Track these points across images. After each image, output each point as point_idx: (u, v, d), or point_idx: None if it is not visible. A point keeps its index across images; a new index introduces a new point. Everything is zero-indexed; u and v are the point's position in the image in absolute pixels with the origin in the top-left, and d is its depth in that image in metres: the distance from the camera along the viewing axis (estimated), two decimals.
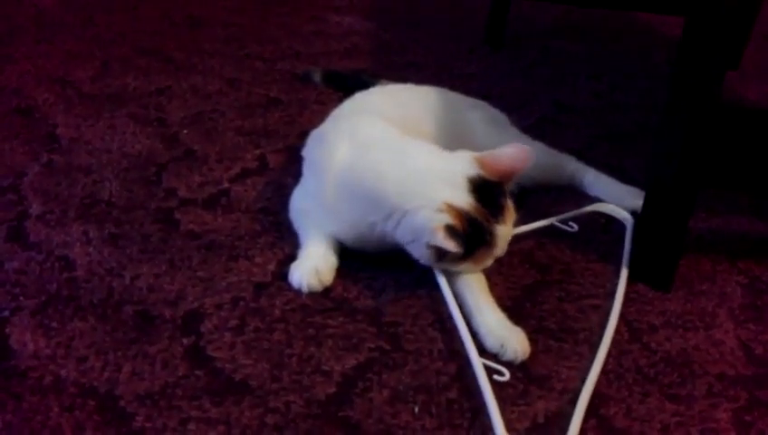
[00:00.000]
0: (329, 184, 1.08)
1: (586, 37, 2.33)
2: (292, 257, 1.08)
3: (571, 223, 1.21)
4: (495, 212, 1.01)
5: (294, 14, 2.33)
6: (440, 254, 0.99)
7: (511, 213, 1.04)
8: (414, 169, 1.04)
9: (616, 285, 1.08)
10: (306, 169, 1.21)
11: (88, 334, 0.92)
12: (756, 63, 2.03)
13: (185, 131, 1.47)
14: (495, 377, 0.88)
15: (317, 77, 1.76)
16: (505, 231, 1.03)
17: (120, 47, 1.91)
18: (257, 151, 1.42)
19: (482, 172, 1.03)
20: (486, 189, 1.02)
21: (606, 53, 2.20)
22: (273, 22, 2.23)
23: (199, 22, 2.18)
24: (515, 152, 1.05)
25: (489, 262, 1.04)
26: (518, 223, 1.16)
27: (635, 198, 1.24)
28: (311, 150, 1.21)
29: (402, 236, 1.02)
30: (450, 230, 0.95)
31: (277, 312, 0.98)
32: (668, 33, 2.39)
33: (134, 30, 2.05)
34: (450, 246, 0.95)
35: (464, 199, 0.99)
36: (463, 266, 1.02)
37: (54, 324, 0.92)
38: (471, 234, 0.98)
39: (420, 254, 1.01)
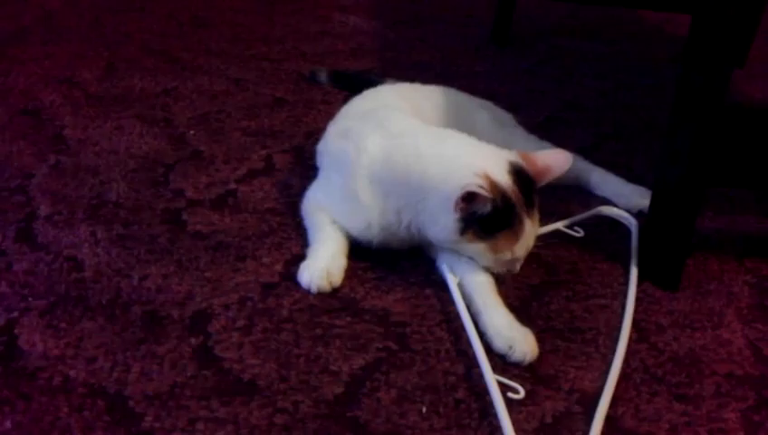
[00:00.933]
0: (359, 176, 1.08)
1: (592, 36, 2.33)
2: (299, 257, 1.08)
3: (576, 227, 1.21)
4: (528, 202, 1.01)
5: (300, 14, 2.34)
6: (466, 223, 0.98)
7: (538, 215, 1.04)
8: (455, 151, 1.05)
9: (623, 285, 1.08)
10: (327, 165, 1.21)
11: (97, 335, 0.92)
12: (762, 61, 2.02)
13: (191, 132, 1.48)
14: (510, 395, 0.87)
15: (323, 77, 1.77)
16: (532, 228, 1.02)
17: (127, 48, 1.91)
18: (264, 152, 1.42)
19: (522, 163, 1.03)
20: (524, 179, 1.02)
21: (612, 52, 2.19)
22: (279, 22, 2.23)
23: (205, 22, 2.18)
24: (558, 155, 1.07)
25: (507, 256, 1.02)
26: None
27: (642, 197, 1.25)
28: (333, 147, 1.21)
29: (432, 211, 1.02)
30: (482, 189, 0.96)
31: (285, 312, 0.98)
32: (674, 31, 2.39)
33: (140, 30, 2.05)
34: (482, 193, 0.95)
35: (502, 177, 1.00)
36: (481, 249, 1.01)
37: (63, 325, 0.93)
38: (500, 209, 0.98)
39: (445, 226, 1.00)
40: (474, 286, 1.02)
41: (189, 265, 1.07)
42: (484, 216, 0.98)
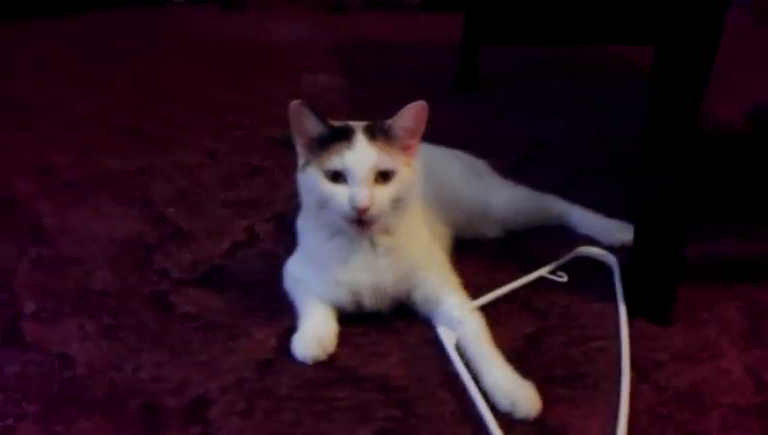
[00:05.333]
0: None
1: (555, 74, 2.37)
2: (291, 330, 1.07)
3: (559, 272, 1.21)
4: (369, 132, 1.04)
5: (266, 78, 2.36)
6: (308, 156, 1.04)
7: (383, 145, 1.04)
8: None
9: (618, 324, 1.08)
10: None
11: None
12: (720, 83, 2.07)
13: (170, 209, 1.47)
14: None
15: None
16: (371, 148, 1.02)
17: (98, 129, 1.92)
18: (245, 223, 1.42)
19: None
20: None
21: (575, 89, 2.23)
22: (247, 89, 2.25)
23: (173, 96, 2.20)
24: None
25: (337, 163, 1.01)
26: (511, 273, 1.17)
27: (624, 232, 1.26)
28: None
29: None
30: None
31: (284, 389, 0.97)
32: (636, 61, 2.44)
33: (109, 110, 2.06)
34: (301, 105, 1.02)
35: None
36: (317, 166, 1.03)
37: (60, 428, 0.91)
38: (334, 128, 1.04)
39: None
40: (471, 344, 1.01)
41: (182, 350, 1.05)
42: (317, 139, 1.04)
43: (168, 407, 0.94)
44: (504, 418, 0.91)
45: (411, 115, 1.06)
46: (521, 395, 0.93)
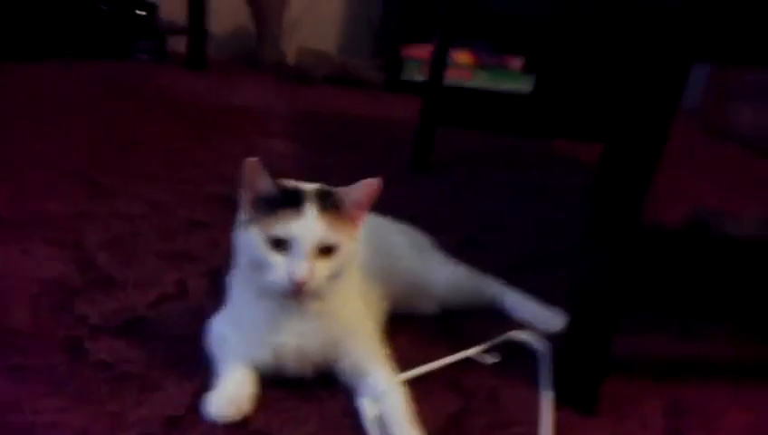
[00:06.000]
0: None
1: (508, 162, 2.42)
2: (208, 388, 1.03)
3: (490, 354, 1.20)
4: (320, 204, 1.01)
5: (223, 138, 2.36)
6: (250, 216, 1.02)
7: (331, 219, 1.01)
8: None
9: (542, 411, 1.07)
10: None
11: None
12: (667, 189, 2.13)
13: (103, 256, 1.43)
14: None
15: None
16: (319, 220, 0.99)
17: (43, 172, 1.87)
18: (177, 276, 1.38)
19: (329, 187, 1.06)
20: (323, 191, 1.04)
21: (526, 179, 2.28)
22: (202, 147, 2.24)
23: (128, 147, 2.17)
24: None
25: (281, 231, 0.98)
26: (443, 350, 1.15)
27: (558, 320, 1.26)
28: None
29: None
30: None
31: None
32: (582, 157, 2.51)
33: (60, 155, 2.02)
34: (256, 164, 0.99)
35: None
36: (258, 228, 1.00)
37: None
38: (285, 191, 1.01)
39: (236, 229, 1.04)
40: (392, 417, 0.98)
41: (88, 398, 1.00)
42: (263, 200, 1.01)
43: None
44: None
45: (365, 191, 1.05)
46: None
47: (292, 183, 1.05)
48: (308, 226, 0.99)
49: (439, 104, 2.21)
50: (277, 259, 0.99)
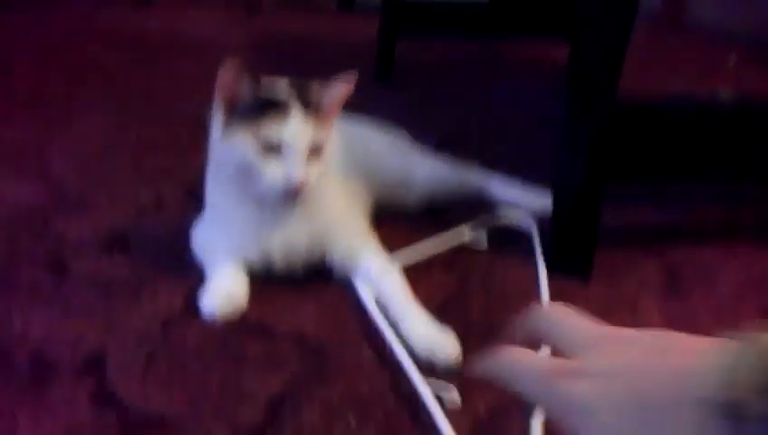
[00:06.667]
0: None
1: (474, 69, 2.39)
2: (199, 290, 1.00)
3: (480, 240, 1.19)
4: (303, 101, 0.98)
5: (184, 61, 2.29)
6: (229, 119, 0.97)
7: (318, 118, 0.98)
8: None
9: (537, 282, 1.07)
10: None
11: None
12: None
13: (73, 178, 1.38)
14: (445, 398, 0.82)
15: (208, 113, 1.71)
16: (305, 122, 0.96)
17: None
18: (153, 192, 1.34)
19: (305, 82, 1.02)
20: (302, 87, 1.00)
21: (493, 82, 2.25)
22: (160, 75, 2.17)
23: (82, 79, 2.09)
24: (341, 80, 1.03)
25: (273, 137, 0.95)
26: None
27: (543, 198, 1.25)
28: None
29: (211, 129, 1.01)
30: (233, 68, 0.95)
31: (190, 343, 0.90)
32: (551, 60, 2.48)
33: (11, 81, 1.94)
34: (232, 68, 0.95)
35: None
36: (247, 136, 0.95)
37: None
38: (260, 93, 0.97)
39: (215, 132, 1.00)
40: (389, 297, 0.98)
41: (78, 309, 0.97)
42: (245, 102, 0.96)
43: (62, 360, 0.86)
44: (424, 368, 0.87)
45: (340, 89, 1.02)
46: (440, 341, 0.89)
47: (265, 80, 1.01)
48: (299, 128, 0.96)
49: (398, 16, 2.16)
50: (271, 165, 0.96)
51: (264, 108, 0.96)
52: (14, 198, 1.28)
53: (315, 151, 0.98)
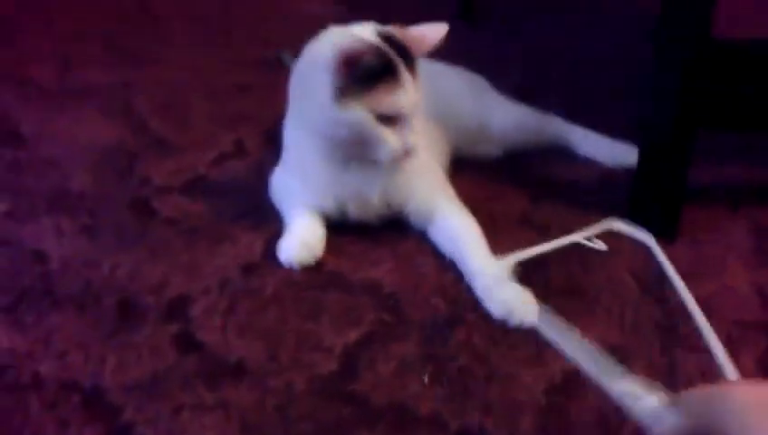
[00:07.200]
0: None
1: (557, 10, 2.30)
2: (278, 236, 1.02)
3: (596, 240, 1.08)
4: (405, 61, 0.96)
5: (258, 4, 2.27)
6: (343, 88, 0.94)
7: (417, 77, 0.98)
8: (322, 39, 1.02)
9: (618, 239, 1.03)
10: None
11: (67, 328, 0.85)
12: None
13: (155, 121, 1.41)
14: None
15: (288, 60, 1.70)
16: (413, 84, 0.96)
17: (81, 44, 1.83)
18: (233, 136, 1.35)
19: (393, 32, 0.99)
20: (396, 43, 0.97)
21: (579, 16, 2.16)
22: (238, 12, 2.16)
23: (159, 18, 2.10)
24: (432, 27, 1.02)
25: (390, 107, 0.94)
26: (512, 192, 1.11)
27: (628, 153, 1.20)
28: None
29: (311, 91, 0.98)
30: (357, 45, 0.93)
31: (269, 290, 0.92)
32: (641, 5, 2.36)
33: (94, 27, 1.97)
34: (358, 47, 0.93)
35: (371, 36, 0.97)
36: (361, 109, 0.94)
37: (30, 320, 0.86)
38: (375, 61, 0.94)
39: (322, 101, 0.95)
40: (468, 251, 0.97)
41: (162, 252, 1.00)
42: (362, 71, 0.93)
43: (147, 304, 0.89)
44: (499, 325, 0.87)
45: (433, 39, 1.01)
46: (517, 301, 0.88)
47: (365, 36, 0.97)
48: (410, 98, 0.96)
49: None
50: (388, 134, 0.96)
51: (377, 77, 0.94)
52: (102, 140, 1.31)
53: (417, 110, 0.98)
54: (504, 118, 1.29)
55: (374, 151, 0.97)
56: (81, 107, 1.45)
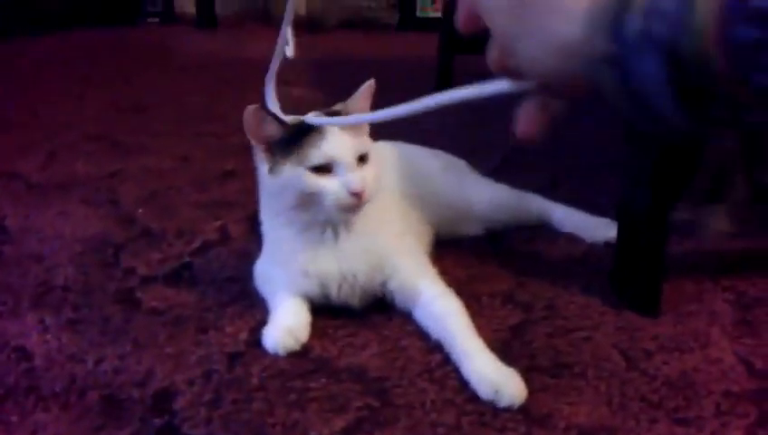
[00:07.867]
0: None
1: None
2: (263, 323, 1.02)
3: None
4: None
5: (240, 91, 2.32)
6: (270, 157, 1.00)
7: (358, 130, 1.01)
8: None
9: (602, 315, 1.05)
10: None
11: (51, 426, 0.84)
12: None
13: (140, 211, 1.42)
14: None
15: None
16: (341, 135, 0.98)
17: (66, 135, 1.86)
18: (217, 223, 1.37)
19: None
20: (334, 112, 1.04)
21: None
22: (220, 101, 2.21)
23: (146, 107, 2.15)
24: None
25: (317, 158, 0.97)
26: (493, 268, 1.12)
27: (607, 228, 1.23)
28: None
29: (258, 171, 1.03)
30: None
31: (254, 380, 0.92)
32: None
33: (81, 119, 2.01)
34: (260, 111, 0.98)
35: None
36: (292, 166, 0.98)
37: (14, 419, 0.84)
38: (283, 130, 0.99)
39: (263, 177, 1.02)
40: (451, 331, 0.97)
41: (147, 344, 1.00)
42: (278, 140, 0.99)
43: (131, 398, 0.88)
44: (488, 406, 0.86)
45: (365, 95, 1.05)
46: (505, 381, 0.88)
47: (289, 118, 1.02)
48: (338, 141, 0.98)
49: (457, 35, 2.15)
50: (327, 183, 0.97)
51: (299, 136, 0.98)
52: (86, 233, 1.32)
53: (362, 158, 1.00)
54: (485, 198, 1.31)
55: (321, 203, 0.98)
56: (67, 199, 1.47)
